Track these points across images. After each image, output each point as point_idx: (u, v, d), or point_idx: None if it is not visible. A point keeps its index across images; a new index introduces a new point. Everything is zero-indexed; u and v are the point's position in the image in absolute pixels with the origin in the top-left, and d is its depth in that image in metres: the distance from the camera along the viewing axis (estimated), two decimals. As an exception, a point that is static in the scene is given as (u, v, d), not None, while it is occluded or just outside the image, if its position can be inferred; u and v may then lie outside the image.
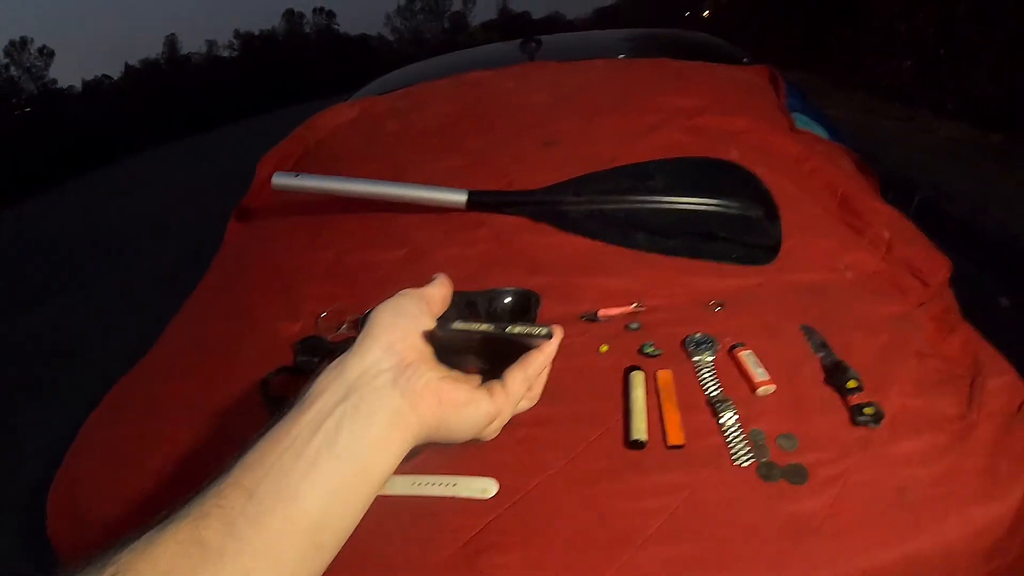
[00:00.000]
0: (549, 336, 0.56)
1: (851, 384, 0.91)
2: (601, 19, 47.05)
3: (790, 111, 1.70)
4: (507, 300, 0.92)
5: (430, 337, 0.54)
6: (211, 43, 50.29)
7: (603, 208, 1.29)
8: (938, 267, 1.26)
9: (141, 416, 1.09)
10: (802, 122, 1.69)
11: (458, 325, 0.55)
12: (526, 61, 2.34)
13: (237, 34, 51.06)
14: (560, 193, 1.34)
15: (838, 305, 1.08)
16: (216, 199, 3.58)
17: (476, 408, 0.52)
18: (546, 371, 0.59)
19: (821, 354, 0.97)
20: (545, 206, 1.31)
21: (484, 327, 0.56)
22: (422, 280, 0.59)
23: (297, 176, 1.43)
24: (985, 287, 3.40)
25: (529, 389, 0.57)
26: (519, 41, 2.55)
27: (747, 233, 1.23)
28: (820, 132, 1.72)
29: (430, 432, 0.51)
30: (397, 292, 0.57)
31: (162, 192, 12.37)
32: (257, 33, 51.46)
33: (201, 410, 1.02)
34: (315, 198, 1.50)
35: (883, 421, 0.87)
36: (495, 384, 0.55)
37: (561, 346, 0.59)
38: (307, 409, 0.48)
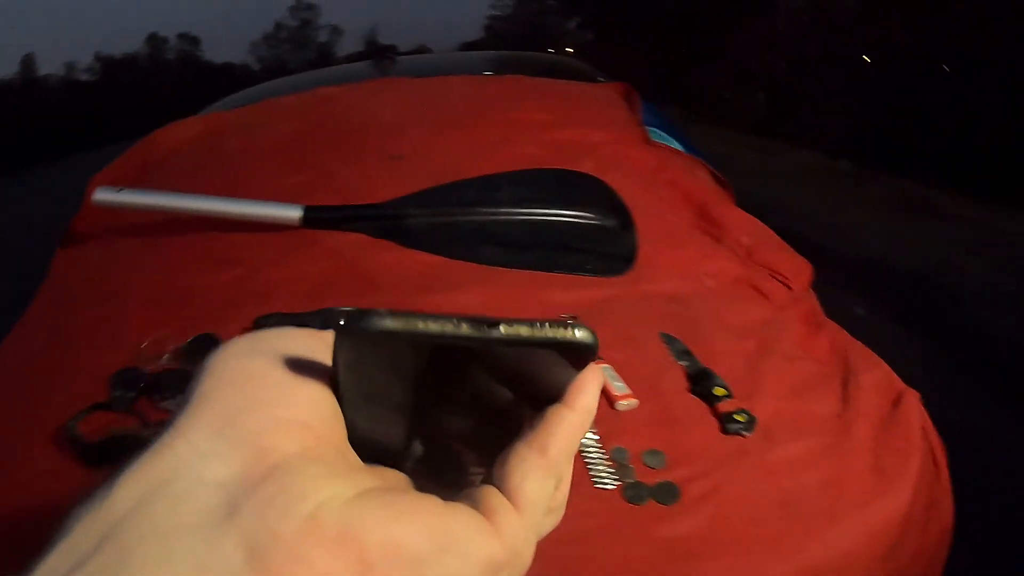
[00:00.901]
0: (585, 345, 0.25)
1: (719, 391, 0.85)
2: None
3: (647, 126, 1.67)
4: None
5: (343, 370, 0.25)
6: (70, 65, 47.78)
7: (447, 221, 1.19)
8: (799, 270, 1.24)
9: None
10: (657, 136, 1.66)
11: (396, 322, 0.23)
12: (380, 77, 2.25)
13: (98, 56, 48.48)
14: (401, 207, 1.23)
15: (700, 313, 1.02)
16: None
17: (460, 558, 0.23)
18: (576, 443, 0.29)
19: (684, 362, 0.90)
20: (384, 221, 1.21)
21: (459, 327, 0.24)
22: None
23: (120, 191, 1.30)
24: (841, 301, 3.56)
25: (557, 487, 0.28)
26: (372, 60, 2.45)
27: (601, 244, 1.16)
28: (676, 145, 1.71)
29: None
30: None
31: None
32: (119, 56, 49.06)
33: (6, 458, 0.88)
34: (147, 218, 1.36)
35: (756, 427, 0.80)
36: (482, 489, 0.26)
37: None
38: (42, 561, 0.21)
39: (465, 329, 0.23)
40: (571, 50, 22.29)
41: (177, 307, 1.13)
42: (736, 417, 0.80)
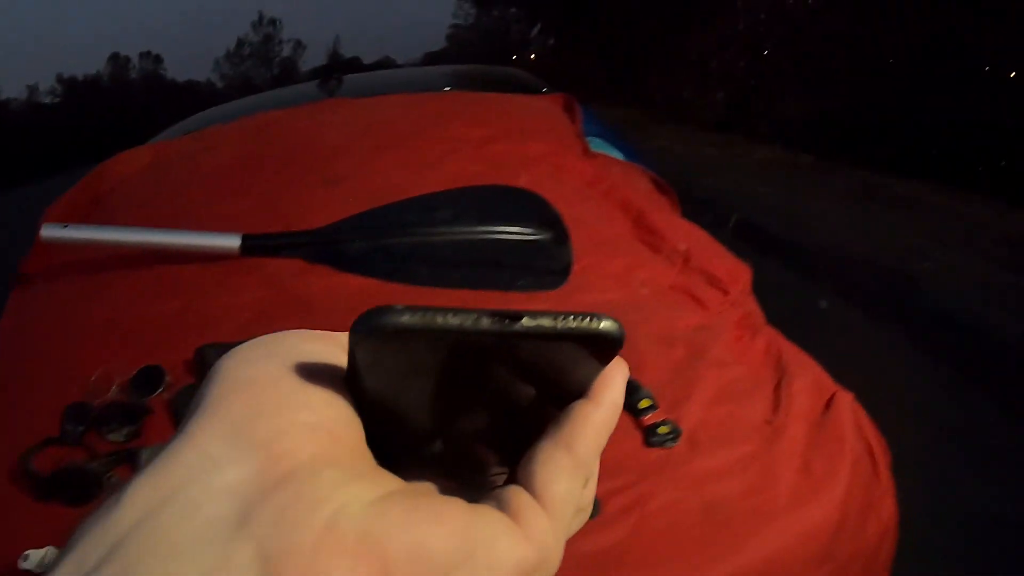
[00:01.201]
0: (611, 336, 0.24)
1: (644, 404, 0.85)
2: (431, 63, 48.31)
3: (586, 136, 1.68)
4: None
5: (360, 372, 0.24)
6: (32, 88, 47.07)
7: (382, 244, 1.19)
8: (737, 274, 1.24)
9: None
10: (597, 145, 1.67)
11: (413, 317, 0.22)
12: (325, 99, 2.24)
13: (60, 79, 47.76)
14: (337, 232, 1.23)
15: (631, 322, 1.02)
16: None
17: (487, 562, 0.22)
18: (604, 440, 0.27)
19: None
20: (320, 246, 1.21)
21: (479, 321, 0.22)
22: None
23: (66, 227, 1.31)
24: (805, 294, 3.59)
25: (585, 485, 0.27)
26: (318, 80, 2.45)
27: (535, 259, 1.17)
28: (616, 154, 1.72)
29: None
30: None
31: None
32: (81, 78, 48.38)
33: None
34: (96, 252, 1.36)
35: (681, 438, 0.81)
36: (508, 490, 0.25)
37: None
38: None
39: (485, 323, 0.22)
40: (534, 56, 22.39)
41: (124, 340, 1.14)
42: (660, 429, 0.80)
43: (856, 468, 0.83)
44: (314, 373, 0.24)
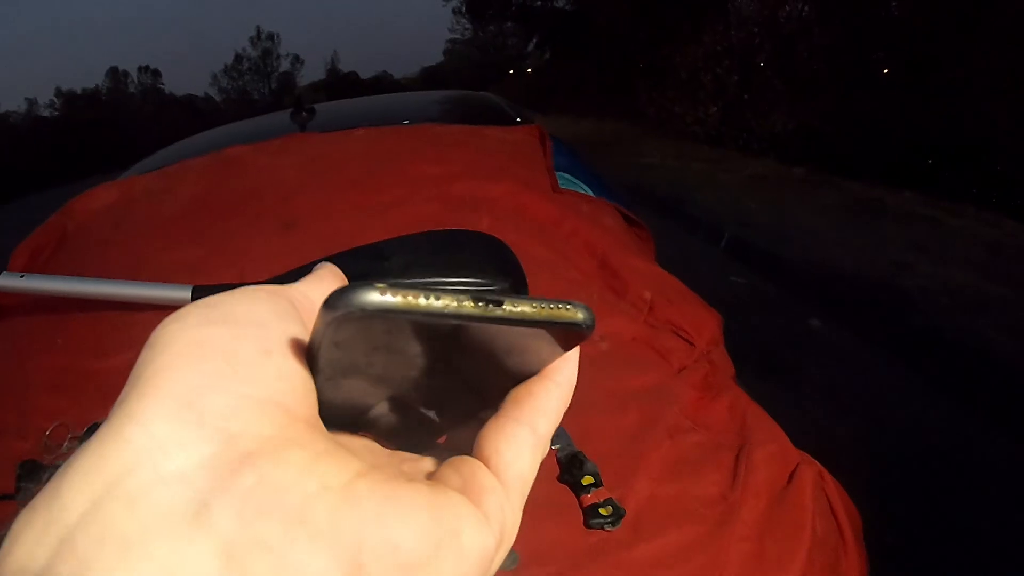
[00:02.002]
0: (585, 326, 0.23)
1: (587, 480, 0.79)
2: (428, 78, 48.65)
3: (556, 170, 1.63)
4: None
5: (326, 346, 0.22)
6: (31, 101, 47.39)
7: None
8: (704, 324, 1.19)
9: None
10: (566, 181, 1.62)
11: (395, 299, 0.20)
12: (297, 131, 2.19)
13: (59, 92, 48.01)
14: (288, 281, 1.18)
15: (583, 383, 0.96)
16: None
17: (455, 554, 0.21)
18: (559, 418, 0.27)
19: (556, 445, 0.85)
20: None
21: (462, 304, 0.21)
22: None
23: (23, 277, 1.28)
24: (797, 312, 3.56)
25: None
26: (290, 111, 2.41)
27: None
28: (586, 190, 1.67)
29: None
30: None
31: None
32: (80, 92, 48.63)
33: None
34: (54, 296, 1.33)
35: (623, 520, 0.75)
36: (468, 465, 0.24)
37: None
38: None
39: (468, 307, 0.21)
40: (530, 71, 22.46)
41: (76, 393, 1.10)
42: (601, 510, 0.75)
43: (817, 550, 0.77)
44: (268, 339, 0.22)
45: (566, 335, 0.24)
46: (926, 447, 2.27)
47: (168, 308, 1.21)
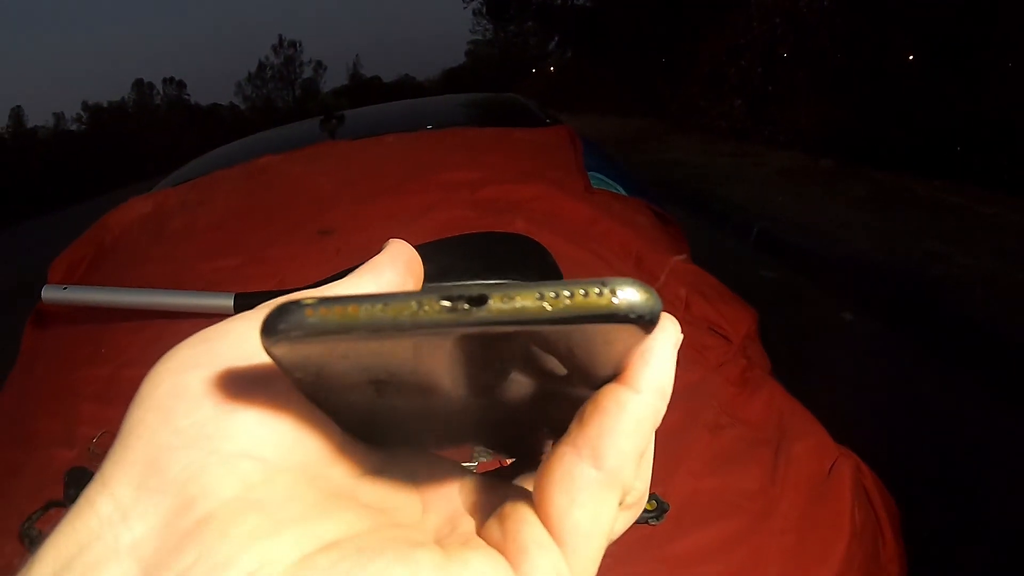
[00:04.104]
0: (631, 316, 0.16)
1: (631, 478, 0.80)
2: (450, 80, 48.61)
3: (587, 170, 1.64)
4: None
5: (292, 378, 0.19)
6: (58, 115, 48.19)
7: (372, 300, 1.16)
8: (740, 320, 1.20)
9: None
10: (598, 180, 1.63)
11: (317, 320, 0.16)
12: (327, 139, 2.23)
13: (86, 106, 48.80)
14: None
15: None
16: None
17: None
18: (647, 436, 0.20)
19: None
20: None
21: (420, 309, 0.16)
22: None
23: (66, 289, 1.32)
24: (829, 306, 3.52)
25: (628, 492, 0.20)
26: (319, 119, 2.44)
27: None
28: (618, 189, 1.67)
29: None
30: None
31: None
32: (106, 105, 49.42)
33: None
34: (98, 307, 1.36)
35: (667, 515, 0.76)
36: (517, 514, 0.19)
37: None
38: None
39: (430, 312, 0.16)
40: (552, 69, 22.44)
41: (121, 402, 1.11)
42: (645, 505, 0.76)
43: (856, 542, 0.78)
44: (254, 380, 0.19)
45: (625, 324, 0.16)
46: (962, 439, 2.24)
47: (211, 316, 1.24)
